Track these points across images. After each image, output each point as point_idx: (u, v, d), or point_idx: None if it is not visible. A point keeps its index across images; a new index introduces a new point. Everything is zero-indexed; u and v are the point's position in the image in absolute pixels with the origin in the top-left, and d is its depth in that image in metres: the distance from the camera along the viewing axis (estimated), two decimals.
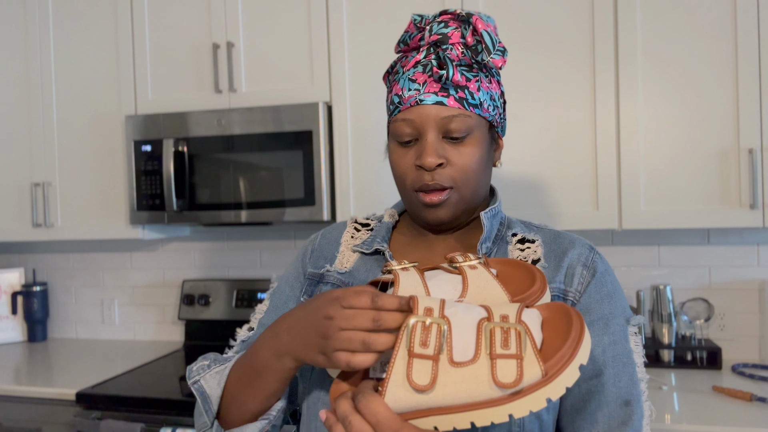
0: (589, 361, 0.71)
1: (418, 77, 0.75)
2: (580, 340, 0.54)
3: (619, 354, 0.72)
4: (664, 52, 1.63)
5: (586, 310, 0.74)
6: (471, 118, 0.75)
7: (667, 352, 1.79)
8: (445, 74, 0.73)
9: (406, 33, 0.80)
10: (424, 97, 0.74)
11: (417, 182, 0.75)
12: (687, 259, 1.91)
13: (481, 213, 0.79)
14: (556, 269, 0.76)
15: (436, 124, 0.74)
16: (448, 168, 0.74)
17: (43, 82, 2.11)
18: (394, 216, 0.89)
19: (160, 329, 2.37)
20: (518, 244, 0.80)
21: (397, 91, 0.77)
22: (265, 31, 1.90)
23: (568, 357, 0.52)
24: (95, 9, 2.05)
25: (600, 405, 0.70)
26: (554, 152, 1.70)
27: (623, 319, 0.75)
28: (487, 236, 0.79)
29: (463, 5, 1.73)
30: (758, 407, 1.43)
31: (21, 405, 1.78)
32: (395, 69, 0.81)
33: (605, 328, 0.73)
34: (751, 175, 1.57)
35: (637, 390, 0.72)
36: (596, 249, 0.80)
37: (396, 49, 0.82)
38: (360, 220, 0.92)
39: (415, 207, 0.78)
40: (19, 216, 2.16)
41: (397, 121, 0.76)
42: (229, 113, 1.86)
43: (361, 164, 1.82)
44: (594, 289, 0.75)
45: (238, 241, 2.30)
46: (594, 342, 0.72)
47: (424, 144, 0.74)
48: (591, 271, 0.76)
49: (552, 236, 0.81)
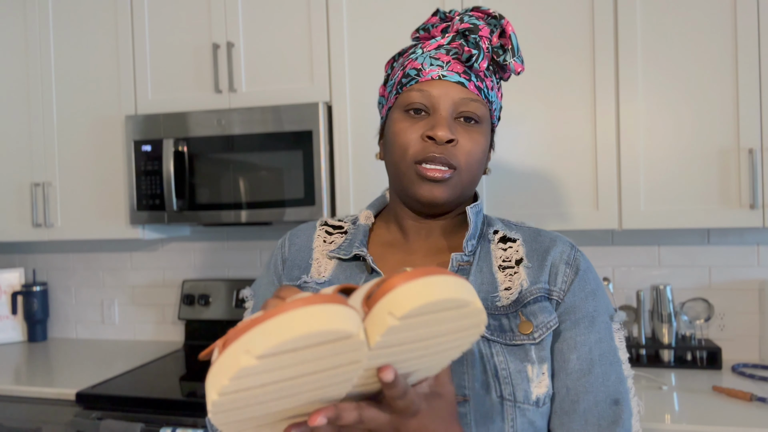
0: (576, 360, 0.71)
1: (441, 57, 0.74)
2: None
3: (606, 352, 0.72)
4: (664, 52, 1.63)
5: (572, 309, 0.73)
6: (485, 107, 0.75)
7: (667, 352, 1.79)
8: (476, 55, 0.72)
9: (427, 23, 0.79)
10: (448, 73, 0.73)
11: (421, 153, 0.72)
12: (687, 259, 1.91)
13: (468, 207, 0.78)
14: (539, 269, 0.75)
15: (453, 103, 0.73)
16: (457, 148, 0.72)
17: (43, 82, 2.11)
18: (370, 217, 0.85)
19: (160, 329, 2.37)
20: (500, 243, 0.78)
21: (415, 66, 0.75)
22: (265, 31, 1.90)
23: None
24: (95, 9, 2.05)
25: (590, 405, 0.70)
26: (554, 152, 1.70)
27: (607, 316, 0.75)
28: (473, 233, 0.78)
29: (463, 4, 1.73)
30: (758, 407, 1.43)
31: (21, 405, 1.78)
32: (409, 51, 0.79)
33: (591, 326, 0.73)
34: (751, 175, 1.57)
35: (625, 387, 0.72)
36: (576, 246, 0.79)
37: (413, 35, 0.81)
38: (330, 222, 0.87)
39: (409, 182, 0.74)
40: (19, 216, 2.16)
41: (412, 91, 0.74)
42: (229, 113, 1.86)
43: (361, 164, 1.82)
44: (578, 287, 0.74)
45: (238, 241, 2.30)
46: (581, 341, 0.72)
47: (438, 117, 0.72)
48: (574, 269, 0.75)
49: (532, 234, 0.80)
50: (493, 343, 0.70)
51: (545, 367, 0.70)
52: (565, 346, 0.72)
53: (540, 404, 0.69)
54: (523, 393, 0.68)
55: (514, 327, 0.71)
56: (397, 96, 0.77)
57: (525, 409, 0.68)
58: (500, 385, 0.68)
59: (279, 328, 0.44)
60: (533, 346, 0.70)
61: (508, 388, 0.68)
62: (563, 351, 0.72)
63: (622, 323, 0.77)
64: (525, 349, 0.70)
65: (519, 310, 0.72)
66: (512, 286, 0.74)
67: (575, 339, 0.72)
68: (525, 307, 0.72)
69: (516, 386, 0.68)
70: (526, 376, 0.69)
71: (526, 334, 0.70)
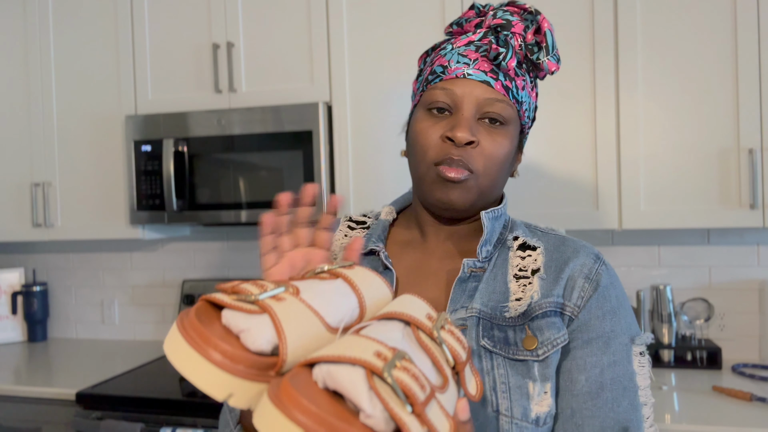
0: (585, 381, 0.67)
1: (469, 54, 0.71)
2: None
3: (620, 376, 0.67)
4: (664, 52, 1.63)
5: (585, 327, 0.68)
6: (512, 109, 0.71)
7: (667, 352, 1.79)
8: (503, 53, 0.69)
9: (462, 17, 0.76)
10: (473, 72, 0.70)
11: (440, 155, 0.69)
12: (687, 259, 1.91)
13: (482, 212, 0.73)
14: (554, 281, 0.70)
15: (477, 103, 0.69)
16: (478, 150, 0.69)
17: (43, 82, 2.11)
18: (392, 213, 0.83)
19: (160, 329, 2.37)
20: (519, 251, 0.74)
21: (442, 63, 0.72)
22: (265, 31, 1.90)
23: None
24: (95, 9, 2.05)
25: (594, 431, 0.65)
26: (554, 152, 1.70)
27: (627, 337, 0.69)
28: (488, 239, 0.74)
29: (463, 5, 1.72)
30: (758, 407, 1.43)
31: (21, 405, 1.78)
32: (440, 46, 0.76)
33: (605, 348, 0.68)
34: (751, 175, 1.57)
35: (638, 415, 0.67)
36: (603, 259, 0.73)
37: (446, 29, 0.78)
38: (355, 217, 0.86)
39: (428, 184, 0.71)
40: (19, 216, 2.16)
41: (436, 89, 0.71)
42: (229, 113, 1.86)
43: (361, 164, 1.82)
44: (595, 304, 0.69)
45: (238, 241, 2.30)
46: (592, 362, 0.67)
47: (460, 118, 0.69)
48: (594, 284, 0.70)
49: (556, 243, 0.75)
50: (496, 355, 0.67)
51: (548, 385, 0.66)
52: (574, 365, 0.68)
53: (540, 423, 0.65)
54: (521, 410, 0.65)
55: (519, 341, 0.68)
56: (422, 93, 0.74)
57: (523, 426, 0.64)
58: (497, 399, 0.65)
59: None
60: (537, 363, 0.66)
61: (505, 403, 0.65)
62: (571, 371, 0.68)
63: (647, 346, 0.72)
64: (528, 365, 0.66)
65: (526, 323, 0.68)
66: (523, 297, 0.69)
67: (585, 359, 0.68)
68: (533, 321, 0.68)
69: (514, 402, 0.65)
70: (527, 393, 0.65)
71: (529, 350, 0.67)
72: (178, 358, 0.42)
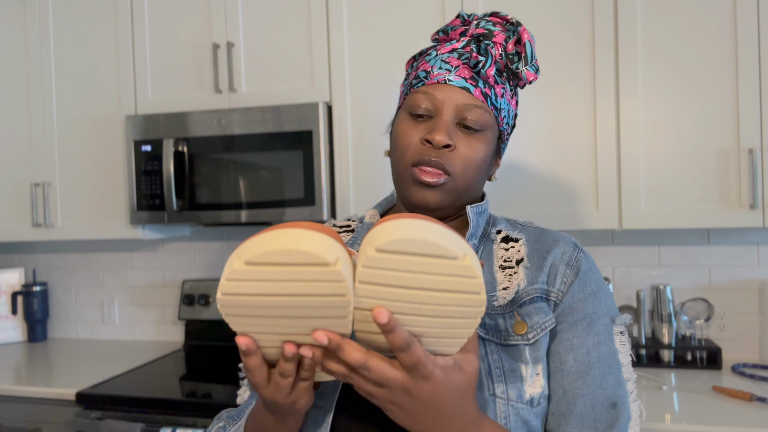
0: (573, 361, 0.71)
1: (452, 61, 0.75)
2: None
3: (605, 354, 0.72)
4: (664, 52, 1.63)
5: (570, 310, 0.73)
6: (490, 115, 0.75)
7: (667, 352, 1.79)
8: (483, 62, 0.72)
9: (448, 25, 0.80)
10: (453, 78, 0.73)
11: (417, 156, 0.73)
12: (687, 259, 1.91)
13: (468, 207, 0.78)
14: (538, 269, 0.75)
15: (455, 108, 0.73)
16: (455, 153, 0.73)
17: (43, 82, 2.11)
18: (376, 216, 0.86)
19: (160, 329, 2.37)
20: (503, 243, 0.79)
21: (426, 68, 0.76)
22: (265, 31, 1.90)
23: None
24: (95, 9, 2.05)
25: (586, 408, 0.69)
26: (554, 152, 1.70)
27: (608, 318, 0.74)
28: (473, 232, 0.78)
29: (463, 5, 1.73)
30: (758, 407, 1.43)
31: (21, 405, 1.78)
32: (426, 52, 0.80)
33: (589, 328, 0.72)
34: (751, 175, 1.57)
35: (624, 391, 0.71)
36: (581, 247, 0.79)
37: (433, 36, 0.82)
38: (338, 222, 0.89)
39: (405, 185, 0.75)
40: (19, 216, 2.16)
41: (419, 93, 0.75)
42: (229, 113, 1.86)
43: (361, 164, 1.82)
44: (577, 289, 0.74)
45: (238, 241, 2.29)
46: (578, 343, 0.72)
47: (438, 122, 0.73)
48: (574, 270, 0.75)
49: (536, 234, 0.80)
50: (488, 342, 0.71)
51: (540, 367, 0.70)
52: (562, 347, 0.72)
53: (534, 404, 0.69)
54: (516, 392, 0.68)
55: (509, 327, 0.71)
56: (406, 96, 0.78)
57: (519, 407, 0.68)
58: (493, 383, 0.68)
59: (267, 242, 0.48)
60: (527, 347, 0.70)
61: (500, 386, 0.68)
62: (560, 352, 0.72)
63: (627, 326, 0.76)
64: (519, 349, 0.70)
65: (515, 310, 0.72)
66: (510, 286, 0.74)
67: (572, 341, 0.72)
68: (521, 307, 0.72)
69: (509, 385, 0.68)
70: (520, 375, 0.69)
71: (520, 334, 0.70)
72: (294, 239, 0.48)
